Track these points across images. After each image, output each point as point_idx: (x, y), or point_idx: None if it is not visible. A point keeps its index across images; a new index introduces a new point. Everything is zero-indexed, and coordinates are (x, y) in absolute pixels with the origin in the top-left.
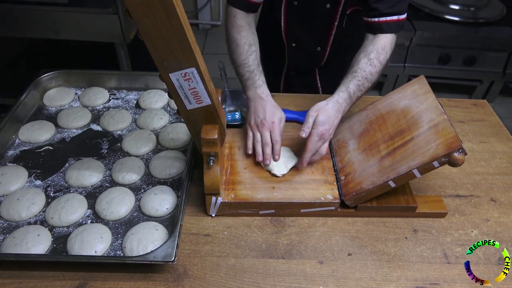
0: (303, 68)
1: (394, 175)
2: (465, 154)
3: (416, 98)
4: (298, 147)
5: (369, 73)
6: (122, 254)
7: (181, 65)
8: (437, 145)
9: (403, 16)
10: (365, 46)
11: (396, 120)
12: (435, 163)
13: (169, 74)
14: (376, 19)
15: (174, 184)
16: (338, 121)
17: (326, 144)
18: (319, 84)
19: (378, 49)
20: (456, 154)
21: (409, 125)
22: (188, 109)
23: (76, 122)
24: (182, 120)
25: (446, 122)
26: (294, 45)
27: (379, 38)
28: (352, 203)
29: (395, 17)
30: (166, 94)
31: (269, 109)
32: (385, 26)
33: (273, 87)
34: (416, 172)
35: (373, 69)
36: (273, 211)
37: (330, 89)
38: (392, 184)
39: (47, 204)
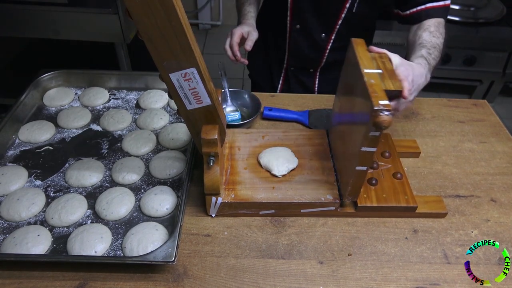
0: (304, 61)
1: (356, 159)
2: (389, 111)
3: (351, 69)
4: (298, 148)
5: (435, 43)
6: (122, 254)
7: (181, 65)
8: (364, 114)
9: (449, 1)
10: (420, 26)
11: (348, 99)
12: (372, 133)
13: (169, 74)
14: (423, 7)
15: (174, 184)
16: (422, 82)
17: (407, 105)
18: (316, 88)
19: (434, 23)
20: (379, 116)
21: (353, 102)
22: (188, 109)
23: (76, 122)
24: (182, 120)
25: (364, 85)
26: (298, 27)
27: (429, 20)
28: (350, 199)
29: (441, 3)
30: (166, 94)
31: (240, 25)
32: (432, 11)
33: (273, 86)
34: (367, 149)
35: (437, 40)
36: (273, 211)
37: (326, 93)
38: (363, 168)
39: (47, 204)
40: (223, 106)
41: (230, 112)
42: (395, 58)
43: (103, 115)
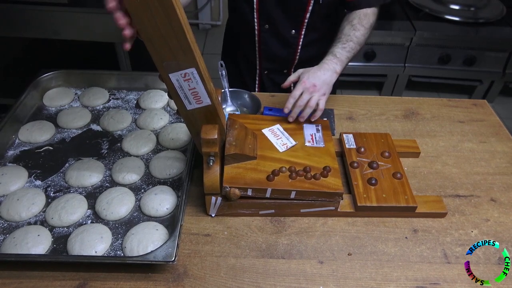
0: (276, 63)
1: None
2: (229, 188)
3: None
4: None
5: (354, 36)
6: (122, 254)
7: (181, 65)
8: None
9: None
10: (348, 17)
11: None
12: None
13: (169, 75)
14: None
15: (174, 184)
16: (326, 76)
17: (322, 99)
18: (292, 87)
19: (360, 15)
20: (226, 192)
21: None
22: (188, 109)
23: (76, 122)
24: (182, 120)
25: None
26: (267, 26)
27: (356, 12)
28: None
29: None
30: (166, 94)
31: None
32: (363, 1)
33: (249, 89)
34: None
35: (357, 32)
36: (273, 211)
37: None
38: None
39: (47, 204)
40: (223, 106)
41: (230, 112)
42: (299, 71)
43: (103, 115)
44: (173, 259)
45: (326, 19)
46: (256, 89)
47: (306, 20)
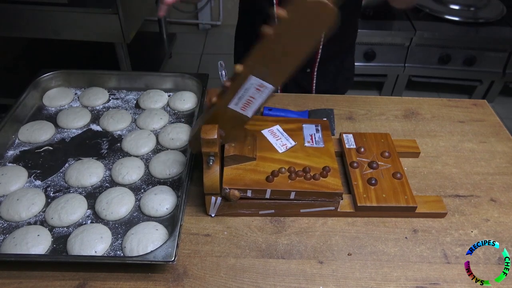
0: None
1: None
2: (228, 190)
3: None
4: None
5: None
6: (122, 254)
7: (267, 78)
8: None
9: None
10: None
11: None
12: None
13: (251, 75)
14: None
15: (174, 184)
16: None
17: None
18: (314, 88)
19: None
20: (226, 194)
21: None
22: (227, 105)
23: (76, 122)
24: (182, 120)
25: None
26: None
27: None
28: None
29: None
30: (166, 94)
31: None
32: None
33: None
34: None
35: None
36: (273, 211)
37: (324, 92)
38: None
39: (47, 204)
40: None
41: None
42: None
43: (103, 115)
44: (173, 259)
45: (349, 11)
46: (278, 90)
47: None
